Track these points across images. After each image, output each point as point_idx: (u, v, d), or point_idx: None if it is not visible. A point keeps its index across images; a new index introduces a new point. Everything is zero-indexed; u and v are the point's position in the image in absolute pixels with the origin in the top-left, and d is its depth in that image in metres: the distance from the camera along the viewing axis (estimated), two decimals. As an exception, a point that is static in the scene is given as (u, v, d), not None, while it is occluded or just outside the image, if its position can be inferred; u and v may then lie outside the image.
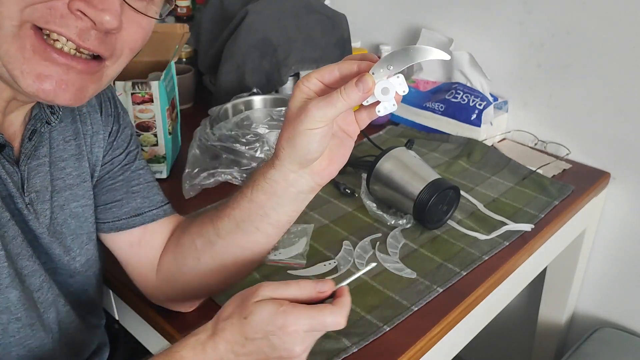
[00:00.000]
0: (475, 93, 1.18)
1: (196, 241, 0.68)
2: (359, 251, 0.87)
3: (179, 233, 0.73)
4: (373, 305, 0.77)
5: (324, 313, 0.52)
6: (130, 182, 0.73)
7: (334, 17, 1.31)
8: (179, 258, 0.71)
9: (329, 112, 0.53)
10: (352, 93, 0.53)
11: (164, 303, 0.76)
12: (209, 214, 0.69)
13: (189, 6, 1.60)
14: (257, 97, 1.18)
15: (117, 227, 0.72)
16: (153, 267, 0.73)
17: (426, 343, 0.73)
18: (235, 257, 0.67)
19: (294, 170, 0.59)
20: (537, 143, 1.21)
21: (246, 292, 0.54)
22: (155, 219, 0.73)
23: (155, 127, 1.05)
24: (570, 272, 1.22)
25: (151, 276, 0.74)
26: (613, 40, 1.05)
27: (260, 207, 0.62)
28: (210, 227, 0.67)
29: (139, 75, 1.14)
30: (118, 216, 0.72)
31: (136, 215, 0.72)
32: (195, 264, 0.69)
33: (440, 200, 0.91)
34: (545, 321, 1.33)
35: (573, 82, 1.13)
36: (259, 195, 0.62)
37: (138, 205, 0.72)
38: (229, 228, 0.65)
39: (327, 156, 0.60)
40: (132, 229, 0.72)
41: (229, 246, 0.66)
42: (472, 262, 0.86)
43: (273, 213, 0.63)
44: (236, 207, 0.64)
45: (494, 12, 1.19)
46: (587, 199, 1.05)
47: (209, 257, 0.68)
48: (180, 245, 0.71)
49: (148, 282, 0.75)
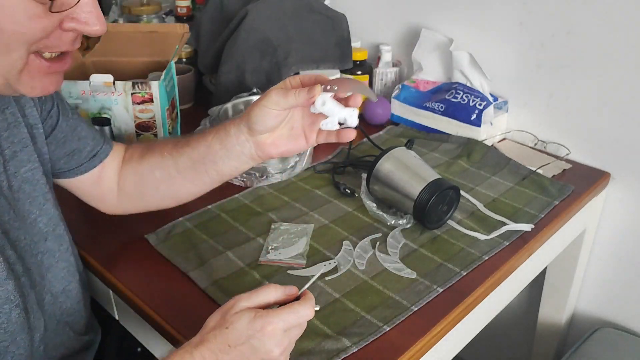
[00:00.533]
0: (475, 93, 1.18)
1: (155, 172, 0.81)
2: (358, 251, 0.87)
3: (135, 162, 0.84)
4: (373, 305, 0.77)
5: (295, 307, 0.61)
6: (76, 129, 0.81)
7: (334, 17, 1.31)
8: (139, 186, 0.84)
9: (281, 100, 0.68)
10: (301, 93, 0.67)
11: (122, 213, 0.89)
12: (167, 148, 0.80)
13: (189, 6, 1.60)
14: (257, 97, 1.18)
15: (82, 170, 0.82)
16: (113, 194, 0.85)
17: (426, 343, 0.73)
18: (187, 189, 0.82)
19: (244, 132, 0.73)
20: (537, 143, 1.21)
21: (225, 307, 0.62)
22: (108, 153, 0.84)
23: (156, 127, 1.05)
24: (570, 272, 1.22)
25: (111, 201, 0.86)
26: (613, 41, 1.05)
27: (213, 153, 0.75)
28: (170, 162, 0.79)
29: (139, 75, 1.14)
30: (79, 161, 0.81)
31: (93, 156, 0.82)
32: (154, 191, 0.83)
33: (440, 200, 0.91)
34: (545, 321, 1.33)
35: (573, 82, 1.13)
36: (215, 144, 0.75)
37: (91, 146, 0.82)
38: (186, 165, 0.78)
39: (274, 138, 0.73)
40: (93, 169, 0.82)
41: (184, 180, 0.80)
42: (472, 262, 0.86)
43: (220, 162, 0.76)
44: (195, 147, 0.77)
45: (494, 12, 1.19)
46: (587, 199, 1.05)
47: (166, 186, 0.82)
48: (139, 174, 0.83)
49: (109, 206, 0.87)
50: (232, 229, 0.93)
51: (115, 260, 0.87)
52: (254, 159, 0.75)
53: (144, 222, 0.93)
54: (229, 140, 0.74)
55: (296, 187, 1.05)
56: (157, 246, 0.89)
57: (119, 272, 0.84)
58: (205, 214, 0.97)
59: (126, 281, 0.82)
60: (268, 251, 0.87)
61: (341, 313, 0.76)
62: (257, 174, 1.05)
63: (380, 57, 1.34)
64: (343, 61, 1.32)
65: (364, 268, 0.84)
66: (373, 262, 0.86)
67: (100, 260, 0.87)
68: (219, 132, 0.75)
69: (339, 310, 0.76)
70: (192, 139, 0.78)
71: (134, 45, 1.20)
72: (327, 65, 1.31)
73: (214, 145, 0.75)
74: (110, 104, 1.03)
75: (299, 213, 0.97)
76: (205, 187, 0.81)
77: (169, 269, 0.85)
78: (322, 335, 0.72)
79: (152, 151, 0.83)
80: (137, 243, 0.90)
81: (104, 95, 1.02)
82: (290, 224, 0.94)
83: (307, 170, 1.10)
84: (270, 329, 0.58)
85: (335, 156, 1.16)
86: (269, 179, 1.06)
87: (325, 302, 0.78)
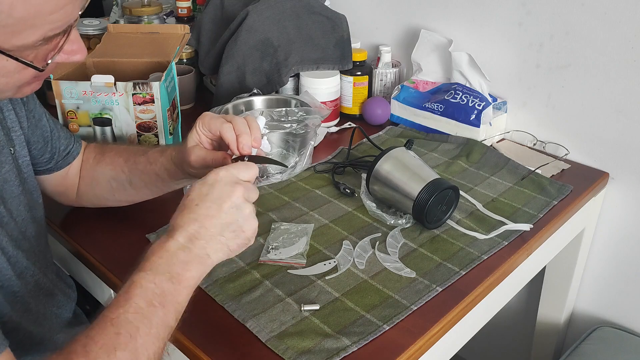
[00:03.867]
0: (474, 93, 1.18)
1: (111, 182, 0.89)
2: (358, 250, 0.88)
3: (90, 166, 0.90)
4: (373, 305, 0.78)
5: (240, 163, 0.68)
6: (54, 129, 0.85)
7: (334, 18, 1.32)
8: (96, 189, 0.91)
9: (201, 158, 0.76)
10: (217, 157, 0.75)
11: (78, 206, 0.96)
12: (120, 160, 0.87)
13: (189, 7, 1.61)
14: (258, 97, 1.19)
15: (58, 167, 0.87)
16: (74, 188, 0.92)
17: (425, 342, 0.74)
18: (142, 196, 0.91)
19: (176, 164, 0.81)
20: (536, 143, 1.21)
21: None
22: (79, 151, 0.90)
23: (157, 127, 1.06)
24: (569, 271, 1.23)
25: (71, 196, 0.93)
26: (612, 41, 1.05)
27: (165, 174, 0.83)
28: (124, 177, 0.87)
29: (139, 76, 1.14)
30: (57, 159, 0.86)
31: (67, 154, 0.88)
32: (109, 195, 0.91)
33: (439, 200, 0.91)
34: (544, 320, 1.34)
35: (572, 83, 1.13)
36: (172, 166, 0.81)
37: (65, 145, 0.87)
38: (139, 183, 0.87)
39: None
40: (67, 165, 0.88)
41: (138, 193, 0.89)
42: (471, 261, 0.86)
43: (170, 181, 0.84)
44: (151, 166, 0.84)
45: (493, 13, 1.20)
46: (586, 199, 1.06)
47: (121, 194, 0.90)
48: (96, 179, 0.90)
49: (68, 200, 0.94)
50: (233, 229, 0.93)
51: (117, 260, 0.87)
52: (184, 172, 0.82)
53: (145, 222, 0.93)
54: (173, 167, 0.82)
55: (296, 187, 1.06)
56: (158, 246, 0.89)
57: (120, 271, 0.84)
58: (206, 213, 0.97)
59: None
60: (268, 250, 0.87)
61: (341, 312, 0.76)
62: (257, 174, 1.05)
63: (379, 57, 1.35)
64: (343, 62, 1.32)
65: (364, 267, 0.85)
66: (373, 262, 0.86)
67: (101, 260, 0.87)
68: (170, 156, 0.82)
69: (339, 310, 0.77)
70: (147, 155, 0.85)
71: (135, 46, 1.20)
72: (327, 65, 1.31)
73: (169, 167, 0.82)
74: (111, 104, 1.03)
75: (299, 213, 0.98)
76: (160, 193, 0.89)
77: (170, 269, 0.85)
78: (322, 335, 0.73)
79: (105, 161, 0.89)
80: (138, 243, 0.90)
81: (105, 96, 1.03)
82: (290, 224, 0.94)
83: (307, 170, 1.11)
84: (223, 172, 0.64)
85: (335, 156, 1.17)
86: (269, 179, 1.06)
87: (325, 301, 0.78)
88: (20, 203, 0.76)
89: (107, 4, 1.91)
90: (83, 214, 0.97)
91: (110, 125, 1.05)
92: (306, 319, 0.75)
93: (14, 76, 0.58)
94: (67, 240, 0.93)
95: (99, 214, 0.96)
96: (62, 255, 0.98)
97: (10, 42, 0.53)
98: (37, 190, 0.82)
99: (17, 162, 0.77)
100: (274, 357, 0.70)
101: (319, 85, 1.27)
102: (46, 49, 0.57)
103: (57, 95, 1.03)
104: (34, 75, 0.59)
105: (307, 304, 0.77)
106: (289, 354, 0.69)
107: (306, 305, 0.77)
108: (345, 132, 1.29)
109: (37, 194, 0.82)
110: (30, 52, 0.55)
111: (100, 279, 0.88)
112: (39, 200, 0.82)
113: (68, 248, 0.94)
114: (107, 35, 1.24)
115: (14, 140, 0.77)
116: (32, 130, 0.81)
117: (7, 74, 0.57)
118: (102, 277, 0.87)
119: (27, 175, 0.79)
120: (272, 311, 0.76)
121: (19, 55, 0.55)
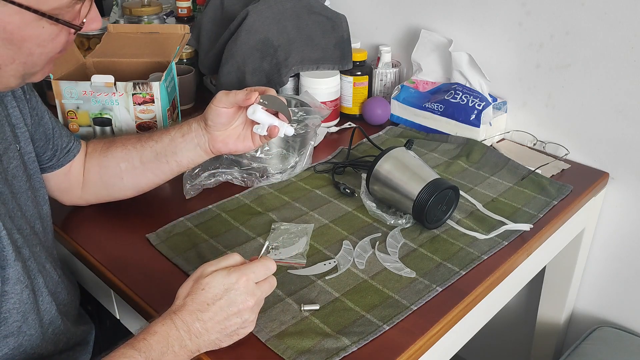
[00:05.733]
0: (474, 93, 1.18)
1: (121, 164, 0.90)
2: (358, 250, 0.88)
3: (99, 154, 0.92)
4: (373, 305, 0.78)
5: (261, 260, 0.70)
6: (55, 126, 0.86)
7: (334, 18, 1.32)
8: (104, 177, 0.92)
9: (224, 98, 0.82)
10: (240, 94, 0.81)
11: (82, 204, 0.97)
12: (131, 142, 0.90)
13: (189, 7, 1.61)
14: (258, 97, 1.18)
15: (60, 164, 0.88)
16: (79, 185, 0.93)
17: (425, 342, 0.74)
18: (148, 180, 0.92)
19: (202, 127, 0.87)
20: (536, 143, 1.21)
21: (194, 275, 0.68)
22: (80, 148, 0.91)
23: (157, 127, 1.06)
24: (569, 271, 1.23)
25: (76, 192, 0.93)
26: (612, 41, 1.05)
27: (175, 145, 0.87)
28: (134, 154, 0.89)
29: (140, 75, 1.14)
30: (58, 156, 0.87)
31: (68, 152, 0.89)
32: (118, 181, 0.92)
33: (439, 200, 0.91)
34: (544, 320, 1.34)
35: (572, 83, 1.13)
36: (177, 136, 0.87)
37: (65, 142, 0.89)
38: (149, 157, 0.89)
39: (224, 137, 0.86)
40: (67, 163, 0.89)
41: (146, 171, 0.90)
42: (471, 261, 0.86)
43: (179, 153, 0.88)
44: (159, 141, 0.88)
45: (493, 13, 1.20)
46: (586, 199, 1.06)
47: (131, 177, 0.91)
48: (104, 166, 0.91)
49: (72, 197, 0.94)
50: (233, 229, 0.93)
51: (116, 259, 0.87)
52: (207, 152, 0.88)
53: (145, 222, 0.94)
54: (190, 133, 0.87)
55: (296, 187, 1.06)
56: (158, 246, 0.89)
57: (120, 271, 0.84)
58: (205, 213, 0.97)
59: (127, 281, 0.83)
60: (268, 251, 0.87)
61: (341, 312, 0.76)
62: (257, 174, 1.05)
63: (379, 57, 1.35)
64: (343, 62, 1.32)
65: (364, 267, 0.85)
66: (373, 262, 0.86)
67: (101, 259, 0.87)
68: (182, 127, 0.88)
69: (339, 310, 0.77)
70: (154, 134, 0.90)
71: (135, 46, 1.20)
72: (327, 65, 1.31)
73: (176, 137, 0.87)
74: (111, 104, 1.03)
75: (299, 213, 0.98)
76: (164, 177, 0.92)
77: (169, 269, 0.85)
78: (322, 335, 0.73)
79: (116, 145, 0.91)
80: (138, 243, 0.90)
81: (105, 96, 1.03)
82: (290, 224, 0.94)
83: (307, 170, 1.11)
84: (244, 279, 0.66)
85: (335, 156, 1.17)
86: (269, 179, 1.06)
87: (325, 301, 0.78)
88: (28, 198, 0.76)
89: (107, 4, 1.91)
90: (83, 214, 0.97)
91: (110, 125, 1.05)
92: (306, 318, 0.75)
93: (48, 45, 0.61)
94: (67, 240, 0.93)
95: (99, 215, 0.96)
96: (62, 255, 0.98)
97: (48, 4, 0.57)
98: (43, 187, 0.82)
99: (23, 158, 0.78)
100: (273, 357, 0.70)
101: (319, 85, 1.27)
102: (74, 12, 0.61)
103: (57, 95, 1.03)
104: (64, 44, 0.63)
105: (307, 304, 0.77)
106: (288, 354, 0.70)
107: (306, 305, 0.77)
108: (345, 132, 1.29)
109: (42, 190, 0.82)
110: (65, 12, 0.60)
111: (100, 279, 0.88)
112: (45, 197, 0.82)
113: (68, 248, 0.94)
114: (107, 35, 1.24)
115: (19, 136, 0.77)
116: (35, 127, 0.82)
117: (42, 43, 0.60)
118: (102, 277, 0.87)
119: (32, 171, 0.80)
120: (271, 311, 0.76)
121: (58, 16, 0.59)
